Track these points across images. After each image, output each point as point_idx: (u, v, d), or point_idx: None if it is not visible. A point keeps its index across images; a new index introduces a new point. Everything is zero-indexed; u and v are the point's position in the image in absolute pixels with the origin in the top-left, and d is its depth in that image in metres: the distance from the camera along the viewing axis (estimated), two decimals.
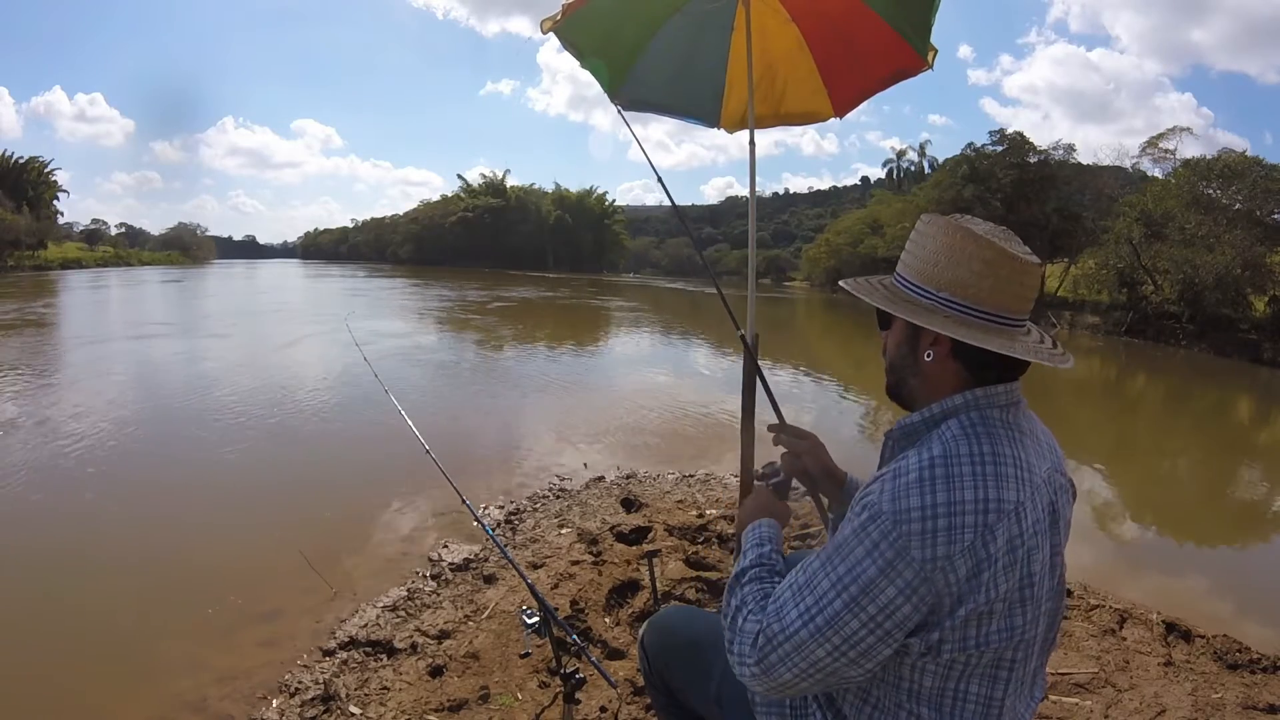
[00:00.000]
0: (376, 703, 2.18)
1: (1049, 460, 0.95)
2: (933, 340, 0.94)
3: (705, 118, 2.52)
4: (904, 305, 0.95)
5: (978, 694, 0.90)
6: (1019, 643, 0.89)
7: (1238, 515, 5.39)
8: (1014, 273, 0.92)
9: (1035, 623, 0.90)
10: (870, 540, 0.85)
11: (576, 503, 4.02)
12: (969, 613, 0.84)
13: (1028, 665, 0.93)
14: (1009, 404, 0.93)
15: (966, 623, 0.85)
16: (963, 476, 0.84)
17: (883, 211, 37.98)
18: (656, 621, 1.36)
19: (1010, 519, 0.84)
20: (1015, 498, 0.85)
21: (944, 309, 0.92)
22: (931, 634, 0.85)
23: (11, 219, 39.73)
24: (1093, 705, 2.24)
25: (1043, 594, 0.90)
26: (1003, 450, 0.88)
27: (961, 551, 0.82)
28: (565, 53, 2.24)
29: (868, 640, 0.85)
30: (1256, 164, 18.93)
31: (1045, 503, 0.90)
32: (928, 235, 0.96)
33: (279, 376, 8.16)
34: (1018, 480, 0.86)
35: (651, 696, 1.40)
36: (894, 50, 2.15)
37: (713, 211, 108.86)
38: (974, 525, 0.82)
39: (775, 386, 1.36)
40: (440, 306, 20.41)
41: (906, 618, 0.84)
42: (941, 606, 0.84)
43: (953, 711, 0.90)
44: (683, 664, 1.26)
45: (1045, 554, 0.89)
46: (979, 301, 0.91)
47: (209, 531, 3.69)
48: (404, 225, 74.35)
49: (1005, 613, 0.86)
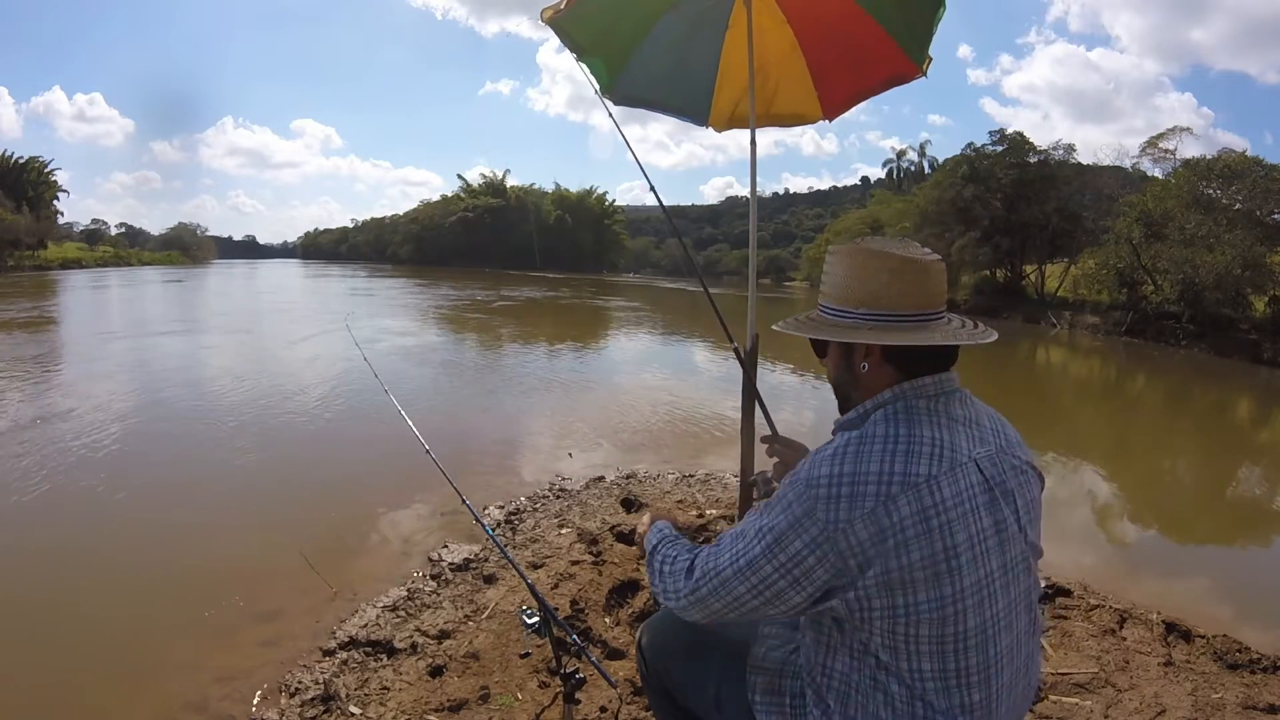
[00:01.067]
0: (376, 703, 2.18)
1: (991, 443, 1.02)
2: (864, 353, 1.04)
3: (695, 116, 2.52)
4: (831, 329, 1.05)
5: (933, 670, 0.94)
6: (958, 614, 0.93)
7: (1238, 515, 5.38)
8: (917, 274, 1.02)
9: (979, 595, 0.94)
10: (787, 500, 0.96)
11: (576, 503, 4.03)
12: (880, 577, 0.91)
13: (991, 645, 0.96)
14: (937, 394, 1.01)
15: (888, 589, 0.92)
16: (871, 453, 0.94)
17: (883, 212, 37.94)
18: (654, 624, 1.37)
19: (918, 491, 0.92)
20: (927, 472, 0.93)
21: (866, 323, 1.02)
22: (848, 594, 0.93)
23: (11, 219, 39.72)
24: (1093, 705, 2.24)
25: (983, 568, 0.94)
26: (920, 433, 0.96)
27: (861, 516, 0.91)
28: (564, 53, 2.24)
29: (779, 584, 0.96)
30: (1256, 164, 18.90)
31: (973, 480, 0.96)
32: (837, 263, 1.07)
33: (279, 376, 8.16)
34: (931, 458, 0.94)
35: (650, 698, 1.41)
36: (889, 56, 2.15)
37: (713, 211, 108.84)
38: (875, 494, 0.92)
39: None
40: (441, 306, 20.41)
41: (812, 569, 0.94)
42: (849, 568, 0.92)
43: (916, 685, 0.95)
44: (680, 666, 1.27)
45: (980, 528, 0.95)
46: (894, 307, 1.01)
47: (209, 531, 3.69)
48: (404, 225, 74.29)
49: (929, 582, 0.91)
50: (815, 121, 2.46)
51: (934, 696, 0.95)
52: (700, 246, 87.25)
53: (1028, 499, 1.03)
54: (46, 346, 10.51)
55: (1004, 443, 1.04)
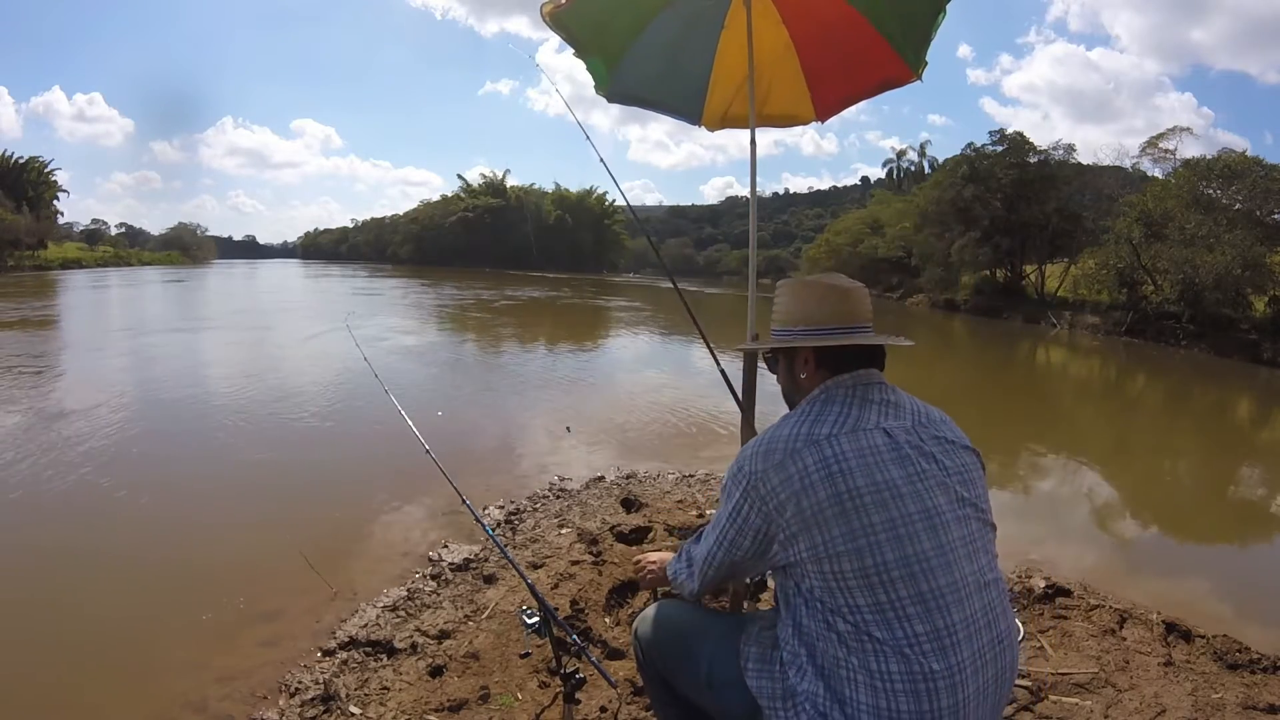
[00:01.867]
0: (376, 703, 2.19)
1: (907, 419, 1.22)
2: (803, 361, 1.29)
3: (689, 115, 2.51)
4: (775, 341, 1.33)
5: (868, 604, 1.09)
6: (872, 547, 1.09)
7: (1238, 515, 5.38)
8: (840, 296, 1.29)
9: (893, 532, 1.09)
10: (730, 470, 1.23)
11: (576, 503, 4.03)
12: (795, 517, 1.12)
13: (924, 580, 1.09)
14: (854, 385, 1.24)
15: (805, 528, 1.11)
16: (786, 423, 1.21)
17: (883, 211, 37.91)
18: (647, 615, 1.48)
19: (819, 446, 1.14)
20: (827, 432, 1.16)
21: (804, 337, 1.28)
22: (779, 534, 1.15)
23: (12, 219, 39.70)
24: (1093, 705, 2.24)
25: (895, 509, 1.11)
26: (829, 410, 1.21)
27: (773, 466, 1.15)
28: (564, 53, 2.24)
29: (730, 533, 1.21)
30: (1256, 164, 18.88)
31: (877, 441, 1.16)
32: (781, 294, 1.35)
33: (280, 376, 8.17)
34: (834, 423, 1.18)
35: (647, 686, 1.50)
36: (883, 60, 2.15)
37: (713, 211, 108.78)
38: (783, 450, 1.16)
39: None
40: (443, 306, 20.41)
41: (749, 516, 1.18)
42: (769, 510, 1.15)
43: (860, 621, 1.09)
44: (673, 652, 1.38)
45: (885, 477, 1.12)
46: (823, 322, 1.28)
47: (209, 531, 3.69)
48: (404, 225, 74.27)
49: (837, 518, 1.10)
50: (808, 123, 2.47)
51: (876, 629, 1.08)
52: (700, 246, 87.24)
53: (957, 464, 1.20)
54: (50, 345, 10.51)
55: (924, 420, 1.24)
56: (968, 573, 1.12)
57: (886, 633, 1.07)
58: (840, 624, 1.10)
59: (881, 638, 1.07)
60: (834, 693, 1.10)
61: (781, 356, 1.33)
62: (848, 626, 1.09)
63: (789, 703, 1.15)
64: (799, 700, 1.14)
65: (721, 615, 1.53)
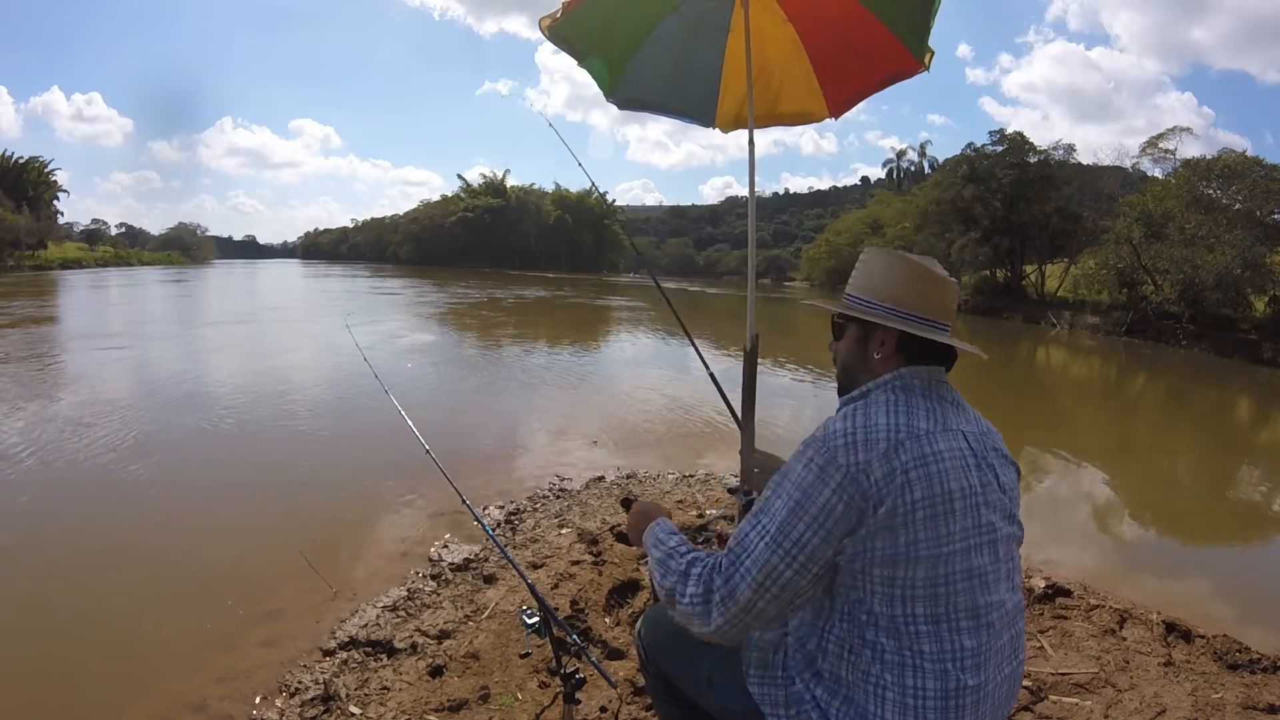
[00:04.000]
0: (376, 703, 2.19)
1: (973, 425, 1.16)
2: (881, 341, 1.17)
3: (701, 118, 2.52)
4: (863, 312, 1.19)
5: (926, 614, 1.02)
6: (950, 556, 1.03)
7: (1238, 515, 5.38)
8: (936, 286, 1.18)
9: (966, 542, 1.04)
10: (806, 456, 1.06)
11: (576, 503, 4.03)
12: (887, 517, 1.01)
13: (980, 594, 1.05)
14: (930, 380, 1.15)
15: (891, 530, 1.01)
16: (877, 412, 1.08)
17: (883, 212, 37.95)
18: (650, 615, 1.46)
19: (919, 441, 1.05)
20: (926, 427, 1.07)
21: (890, 316, 1.16)
22: (859, 531, 1.02)
23: (12, 219, 39.70)
24: (1093, 705, 2.23)
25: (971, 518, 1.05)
26: (916, 402, 1.11)
27: (877, 457, 1.02)
28: (560, 54, 2.24)
29: (813, 542, 1.02)
30: (1257, 164, 18.91)
31: (961, 444, 1.09)
32: (872, 262, 1.23)
33: (280, 376, 8.16)
34: (928, 418, 1.09)
35: (649, 685, 1.48)
36: (890, 52, 2.14)
37: (713, 211, 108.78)
38: (885, 439, 1.04)
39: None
40: (442, 307, 20.41)
41: (842, 517, 1.02)
42: (867, 507, 1.01)
43: (908, 633, 1.03)
44: (675, 652, 1.36)
45: (969, 483, 1.06)
46: (913, 308, 1.17)
47: (209, 531, 3.69)
48: (404, 225, 74.27)
49: (927, 521, 1.02)
50: (821, 120, 2.44)
51: (926, 642, 1.02)
52: (700, 246, 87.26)
53: (1010, 480, 1.16)
54: (50, 344, 10.50)
55: (985, 429, 1.18)
56: (1005, 591, 1.10)
57: (935, 645, 1.03)
58: (884, 639, 1.04)
59: (929, 651, 1.02)
60: (853, 705, 1.06)
61: (855, 326, 1.21)
62: (891, 641, 1.03)
63: (794, 710, 1.12)
64: (805, 709, 1.11)
65: None
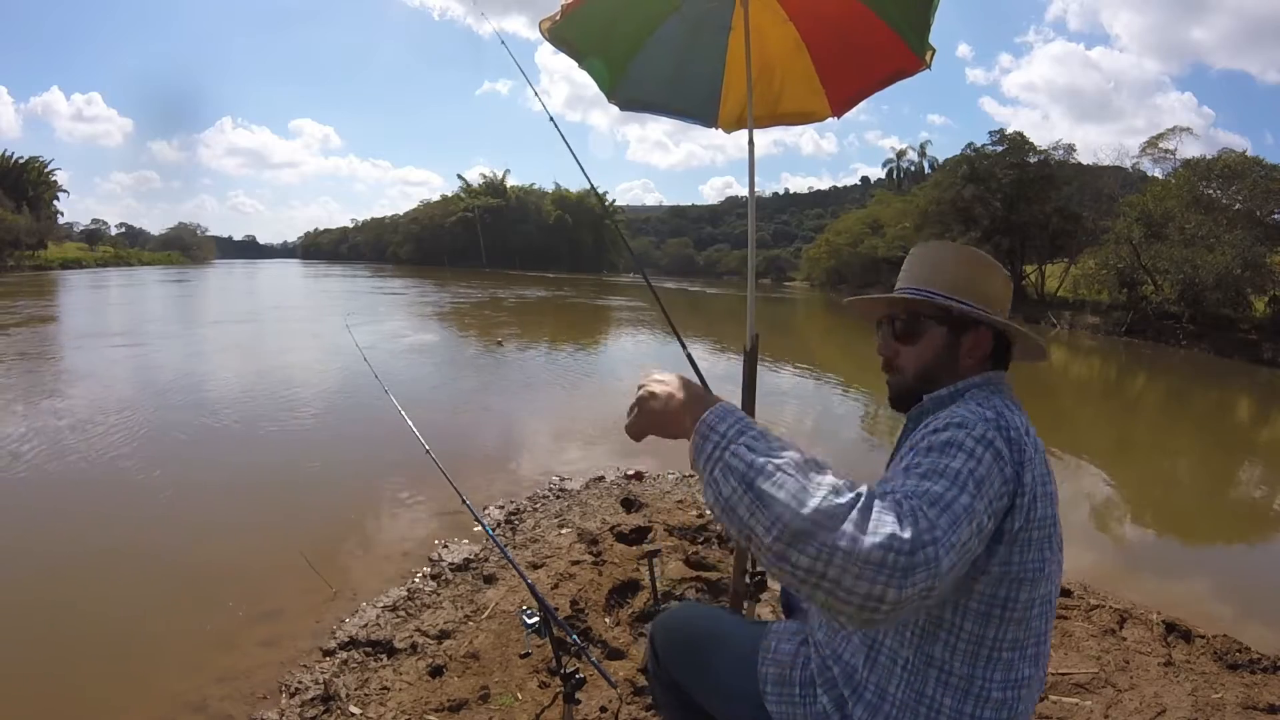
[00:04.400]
0: (376, 703, 2.18)
1: None
2: (973, 342, 1.10)
3: (703, 118, 2.52)
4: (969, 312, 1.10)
5: (1011, 639, 0.95)
6: (1047, 578, 0.96)
7: (1238, 515, 5.38)
8: (1009, 288, 1.18)
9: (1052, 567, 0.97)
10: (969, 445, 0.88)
11: (576, 503, 4.03)
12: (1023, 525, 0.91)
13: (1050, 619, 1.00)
14: (1005, 384, 1.11)
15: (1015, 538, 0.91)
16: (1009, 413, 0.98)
17: (883, 212, 37.95)
18: (665, 619, 1.40)
19: (1040, 454, 0.97)
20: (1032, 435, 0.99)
21: (984, 314, 1.10)
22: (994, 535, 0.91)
23: (12, 219, 39.73)
24: (1093, 705, 2.24)
25: (1060, 541, 0.99)
26: (1009, 403, 1.04)
27: (1026, 460, 0.92)
28: (560, 54, 2.24)
29: (988, 526, 0.86)
30: (1256, 164, 18.93)
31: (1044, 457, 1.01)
32: (947, 257, 1.17)
33: (281, 376, 8.15)
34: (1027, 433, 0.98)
35: (655, 691, 1.43)
36: (891, 50, 2.14)
37: (713, 211, 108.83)
38: (1031, 445, 0.95)
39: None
40: (443, 307, 20.40)
41: (996, 514, 0.88)
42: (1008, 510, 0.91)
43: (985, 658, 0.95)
44: (691, 659, 1.30)
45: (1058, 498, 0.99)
46: (1003, 310, 1.14)
47: (209, 531, 3.69)
48: (404, 225, 74.36)
49: (1043, 541, 0.94)
50: (824, 119, 2.44)
51: (998, 671, 0.95)
52: (700, 246, 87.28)
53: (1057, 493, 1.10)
54: (50, 344, 10.50)
55: None
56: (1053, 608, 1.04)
57: (1004, 674, 0.96)
58: (956, 659, 0.95)
59: (998, 679, 0.95)
60: None
61: (949, 326, 1.10)
62: (964, 663, 0.95)
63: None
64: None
65: (742, 623, 1.38)
